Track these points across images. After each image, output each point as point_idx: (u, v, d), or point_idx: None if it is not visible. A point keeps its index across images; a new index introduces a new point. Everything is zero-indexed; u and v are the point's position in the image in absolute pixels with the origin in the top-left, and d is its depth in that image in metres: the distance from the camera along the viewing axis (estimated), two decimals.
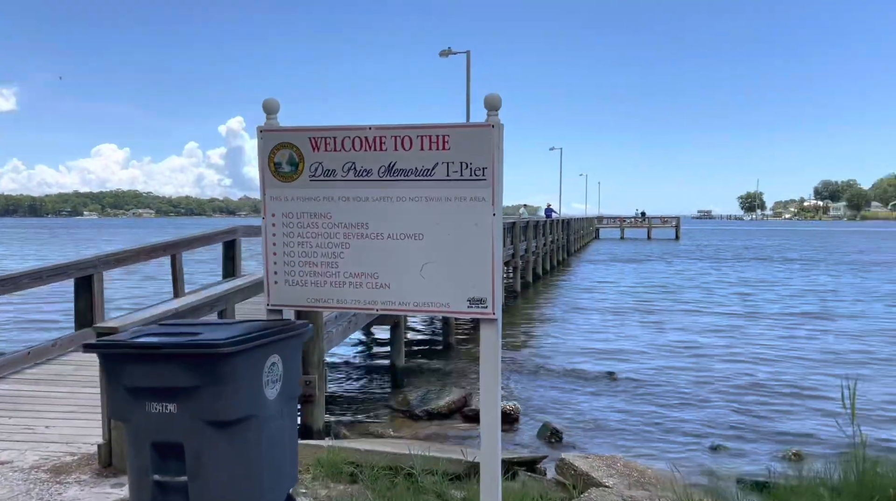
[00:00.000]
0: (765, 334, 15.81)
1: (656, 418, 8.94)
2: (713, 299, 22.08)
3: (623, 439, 8.00)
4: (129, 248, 8.74)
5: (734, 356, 13.12)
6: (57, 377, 6.74)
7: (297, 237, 3.63)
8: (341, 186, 3.53)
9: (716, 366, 12.26)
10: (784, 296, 22.95)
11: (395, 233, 3.49)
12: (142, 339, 3.08)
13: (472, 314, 3.40)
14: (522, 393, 10.23)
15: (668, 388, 10.54)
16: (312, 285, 3.63)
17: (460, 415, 8.72)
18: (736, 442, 7.93)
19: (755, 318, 18.25)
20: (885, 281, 28.19)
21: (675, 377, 11.21)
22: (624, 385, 10.57)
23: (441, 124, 3.37)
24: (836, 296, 22.98)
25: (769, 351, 13.64)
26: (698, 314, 18.99)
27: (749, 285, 26.45)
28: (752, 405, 9.58)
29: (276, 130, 3.63)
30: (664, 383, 10.78)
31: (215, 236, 10.58)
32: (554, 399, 9.90)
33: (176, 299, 5.39)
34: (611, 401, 9.68)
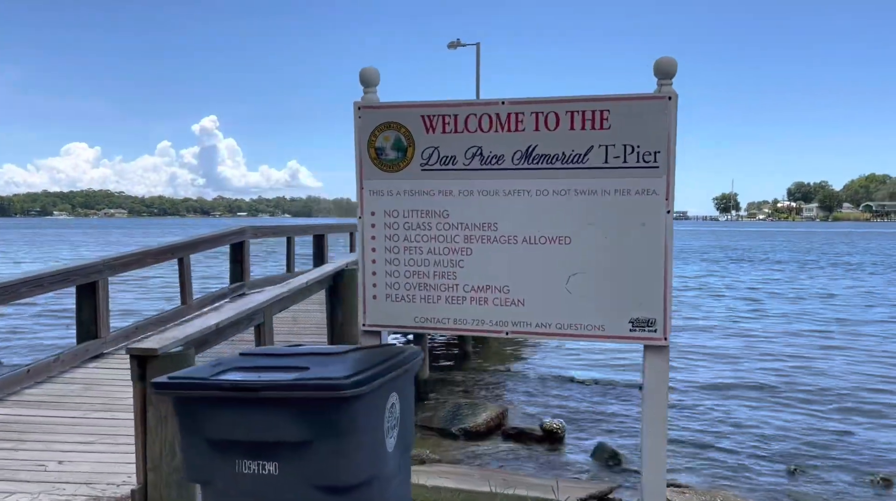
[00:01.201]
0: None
1: (710, 435, 8.32)
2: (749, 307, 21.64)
3: (687, 459, 7.35)
4: (135, 251, 7.91)
5: (785, 361, 12.58)
6: (63, 398, 5.91)
7: (404, 242, 2.91)
8: (463, 177, 2.81)
9: (763, 375, 11.69)
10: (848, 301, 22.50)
11: (533, 236, 2.77)
12: (229, 376, 2.33)
13: (636, 339, 2.70)
14: (551, 402, 9.57)
15: (710, 399, 9.94)
16: (423, 300, 2.90)
17: (501, 434, 8.01)
18: (816, 462, 7.33)
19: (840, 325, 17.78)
20: None
21: (724, 388, 10.60)
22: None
23: (599, 96, 2.66)
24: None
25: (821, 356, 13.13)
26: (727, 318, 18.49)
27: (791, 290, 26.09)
28: (831, 421, 9.00)
29: (379, 106, 2.90)
30: (709, 394, 10.17)
31: (223, 238, 9.77)
32: (590, 412, 9.23)
33: (214, 313, 4.63)
34: None
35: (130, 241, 58.85)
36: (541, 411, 9.12)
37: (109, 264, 7.30)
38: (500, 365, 12.43)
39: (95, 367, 6.78)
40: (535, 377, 11.29)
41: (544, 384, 10.77)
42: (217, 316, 4.55)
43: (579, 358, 12.97)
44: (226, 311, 4.72)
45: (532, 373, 11.73)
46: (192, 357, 4.03)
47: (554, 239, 2.73)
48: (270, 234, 11.37)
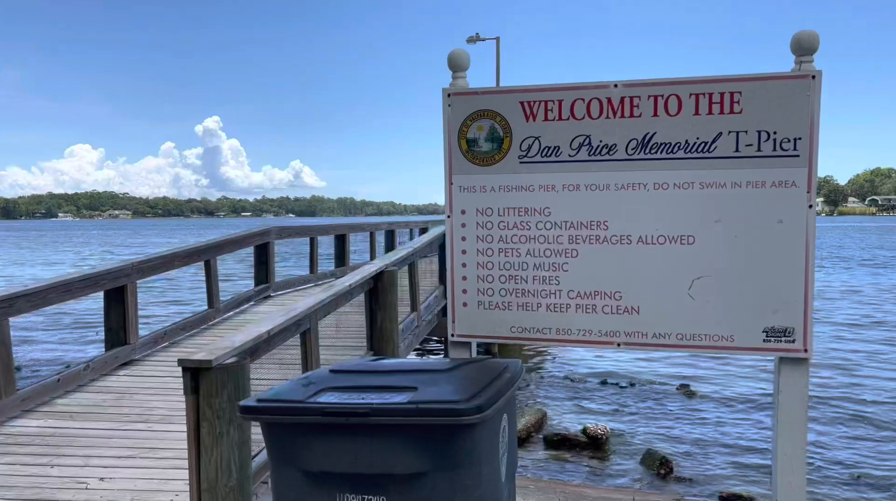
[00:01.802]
0: None
1: (763, 441, 8.00)
2: None
3: (740, 469, 7.04)
4: (163, 254, 7.64)
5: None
6: (95, 409, 5.64)
7: (499, 243, 2.61)
8: (568, 170, 2.52)
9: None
10: None
11: (650, 235, 2.47)
12: (327, 398, 2.04)
13: (770, 350, 2.39)
14: (587, 405, 9.26)
15: (751, 404, 9.61)
16: (520, 308, 2.61)
17: (542, 440, 7.70)
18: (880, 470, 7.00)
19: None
20: None
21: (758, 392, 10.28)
22: (702, 399, 9.63)
23: (729, 76, 2.36)
24: None
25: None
26: None
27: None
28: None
29: (472, 93, 2.60)
30: (750, 398, 9.85)
31: (249, 239, 9.49)
32: (629, 415, 8.92)
33: (266, 321, 4.33)
34: (699, 420, 8.73)
35: (160, 241, 58.65)
36: (578, 414, 8.81)
37: (138, 268, 7.03)
38: (527, 365, 12.14)
39: (126, 375, 6.51)
40: (566, 379, 10.98)
41: (577, 386, 10.47)
42: (269, 323, 4.27)
43: (605, 358, 12.65)
44: (275, 317, 4.43)
45: (561, 374, 11.43)
46: (248, 368, 3.75)
47: (675, 239, 2.43)
48: (295, 234, 11.09)
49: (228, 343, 3.79)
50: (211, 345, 3.78)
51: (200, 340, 7.75)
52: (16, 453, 4.74)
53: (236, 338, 3.92)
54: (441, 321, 9.29)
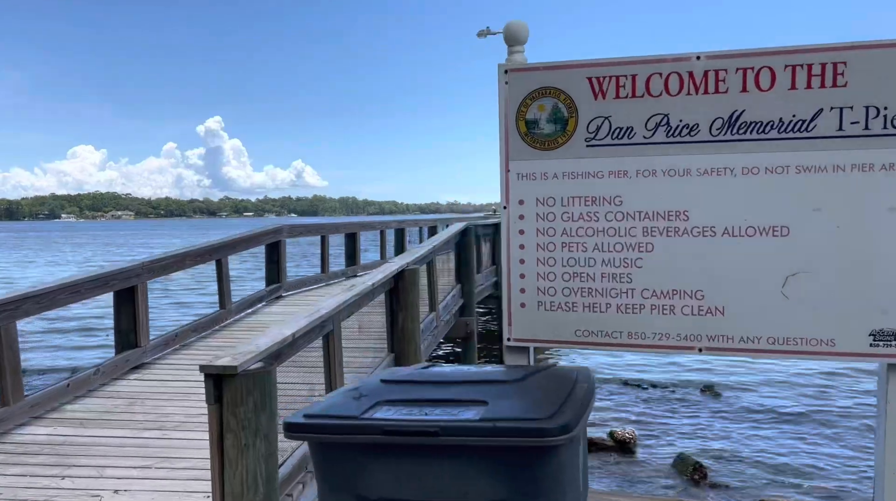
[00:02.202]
0: None
1: (796, 445, 7.72)
2: None
3: (775, 473, 6.76)
4: (174, 253, 7.38)
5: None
6: (107, 415, 5.38)
7: (562, 236, 2.34)
8: (642, 153, 2.24)
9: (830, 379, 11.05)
10: None
11: (738, 226, 2.20)
12: (384, 413, 1.77)
13: (879, 356, 2.11)
14: (609, 408, 8.98)
15: (783, 403, 9.32)
16: (587, 309, 2.33)
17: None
18: None
19: None
20: None
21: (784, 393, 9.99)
22: (728, 401, 9.34)
23: (832, 45, 2.08)
24: None
25: None
26: None
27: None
28: None
29: (532, 68, 2.32)
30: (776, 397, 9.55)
31: (260, 237, 9.23)
32: (653, 417, 8.64)
33: (289, 323, 4.07)
34: (727, 423, 8.44)
35: (170, 243, 58.62)
36: (600, 417, 8.53)
37: (148, 267, 6.77)
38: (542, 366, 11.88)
39: (137, 379, 6.26)
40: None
41: (598, 389, 10.19)
42: (292, 325, 4.00)
43: (621, 357, 12.36)
44: (299, 319, 4.16)
45: None
46: (275, 374, 3.48)
47: (766, 230, 2.15)
48: (307, 232, 10.84)
49: (253, 348, 3.53)
50: (234, 350, 3.51)
51: (213, 341, 7.50)
52: (25, 463, 4.49)
53: (260, 342, 3.65)
54: (458, 321, 9.05)
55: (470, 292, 9.16)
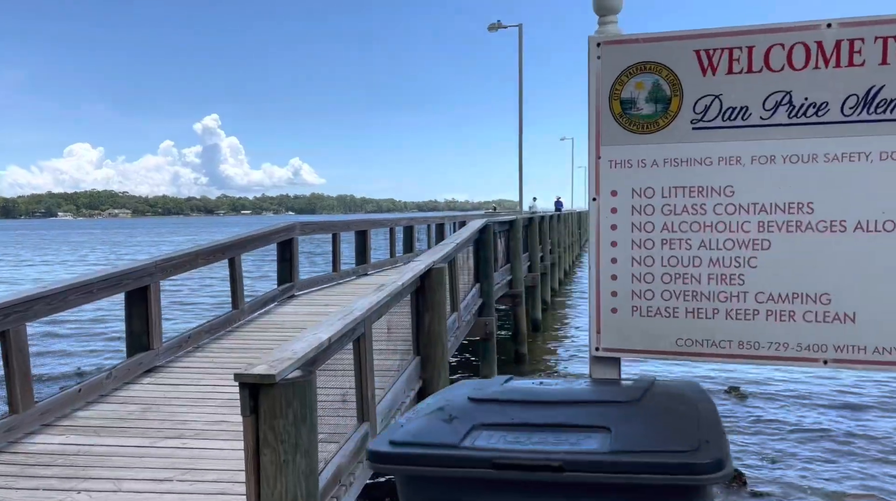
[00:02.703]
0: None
1: (824, 445, 7.45)
2: None
3: (814, 480, 6.48)
4: (186, 251, 7.09)
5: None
6: (121, 423, 5.09)
7: (662, 232, 2.06)
8: (759, 137, 1.96)
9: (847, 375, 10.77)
10: None
11: (874, 221, 1.92)
12: (488, 441, 1.49)
13: None
14: None
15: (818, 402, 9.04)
16: (690, 315, 2.05)
17: None
18: None
19: None
20: None
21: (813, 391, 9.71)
22: (757, 402, 9.05)
23: None
24: None
25: None
26: None
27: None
28: None
29: (630, 40, 2.04)
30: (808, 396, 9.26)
31: (272, 235, 8.95)
32: None
33: (323, 326, 3.78)
34: (760, 426, 8.16)
35: (180, 240, 58.08)
36: None
37: (161, 267, 6.48)
38: (558, 367, 11.60)
39: (151, 383, 5.97)
40: None
41: None
42: (327, 328, 3.71)
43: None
44: (332, 321, 3.88)
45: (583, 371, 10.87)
46: (315, 383, 3.20)
47: None
48: (319, 230, 10.55)
49: (289, 354, 3.24)
50: (270, 356, 3.22)
51: (227, 343, 7.21)
52: (38, 475, 4.20)
53: (297, 347, 3.37)
54: (477, 321, 8.77)
55: (489, 292, 8.88)
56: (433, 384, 5.85)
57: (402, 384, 5.37)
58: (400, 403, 5.29)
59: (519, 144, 21.02)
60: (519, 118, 20.65)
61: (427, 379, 5.84)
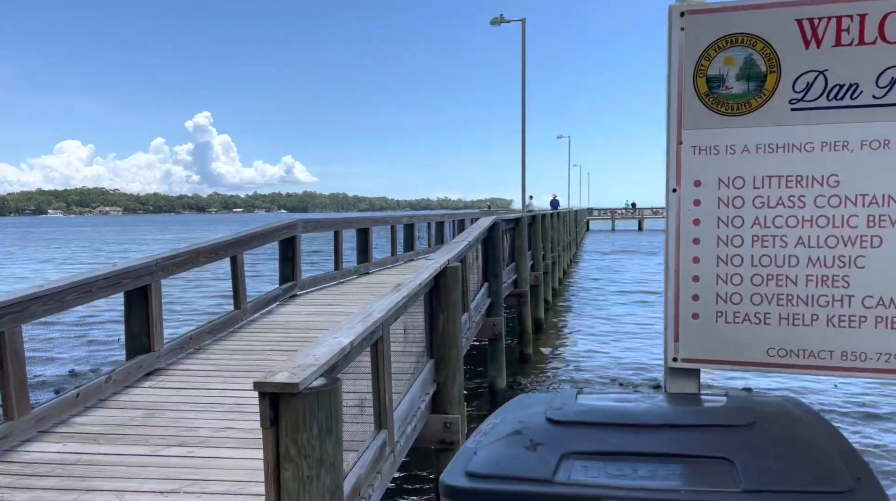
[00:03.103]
0: None
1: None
2: None
3: None
4: (188, 249, 6.82)
5: None
6: (122, 429, 4.81)
7: (753, 227, 1.82)
8: (872, 118, 1.72)
9: None
10: None
11: None
12: (587, 476, 1.25)
13: None
14: None
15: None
16: (783, 321, 1.81)
17: None
18: None
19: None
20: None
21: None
22: None
23: None
24: None
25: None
26: None
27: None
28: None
29: (718, 8, 1.79)
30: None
31: (274, 233, 8.67)
32: None
33: (343, 329, 3.53)
34: None
35: (188, 238, 57.53)
36: None
37: (162, 265, 6.21)
38: (564, 368, 11.38)
39: (152, 387, 5.70)
40: (612, 383, 10.21)
41: (632, 392, 9.68)
42: (348, 331, 3.46)
43: (634, 353, 11.87)
44: (354, 324, 3.62)
45: (605, 376, 10.65)
46: (340, 392, 2.95)
47: None
48: (321, 228, 10.28)
49: (311, 360, 2.98)
50: (291, 362, 2.97)
51: (230, 344, 6.95)
52: (35, 486, 3.93)
53: (318, 352, 3.11)
54: (486, 321, 8.53)
55: (497, 291, 8.64)
56: (447, 387, 5.61)
57: (418, 389, 5.13)
58: (416, 408, 5.05)
59: (522, 141, 20.79)
60: (522, 115, 20.41)
61: (441, 383, 5.60)
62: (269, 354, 6.49)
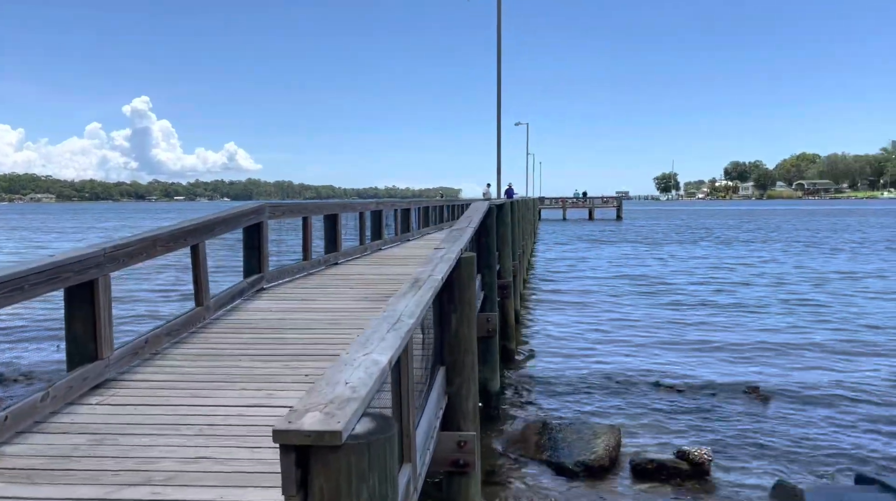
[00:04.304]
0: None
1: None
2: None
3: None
4: (142, 237, 5.77)
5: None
6: (66, 462, 3.78)
7: None
8: None
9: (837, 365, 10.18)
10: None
11: None
12: None
13: None
14: (658, 419, 7.81)
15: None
16: None
17: (630, 468, 6.19)
18: None
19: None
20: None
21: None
22: (787, 407, 8.27)
23: None
24: None
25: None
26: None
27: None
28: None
29: None
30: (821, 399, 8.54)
31: (239, 218, 7.64)
32: (715, 430, 7.42)
33: (372, 341, 2.65)
34: (793, 431, 7.37)
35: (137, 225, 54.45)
36: (653, 430, 7.35)
37: (112, 255, 5.17)
38: (553, 365, 10.66)
39: (101, 404, 4.68)
40: (607, 381, 9.53)
41: (629, 393, 9.00)
42: (382, 348, 2.58)
43: (637, 355, 11.25)
44: (381, 335, 2.74)
45: (598, 375, 9.97)
46: (395, 441, 2.07)
47: None
48: (289, 213, 9.27)
49: (347, 391, 2.09)
50: (319, 394, 2.06)
51: (192, 348, 5.93)
52: None
53: (353, 378, 2.22)
54: (479, 317, 7.69)
55: (492, 284, 7.83)
56: (461, 399, 4.77)
57: (433, 404, 4.28)
58: (433, 429, 4.20)
59: (497, 127, 19.99)
60: (497, 99, 19.59)
61: (454, 393, 4.76)
62: (241, 360, 5.52)
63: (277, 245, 8.84)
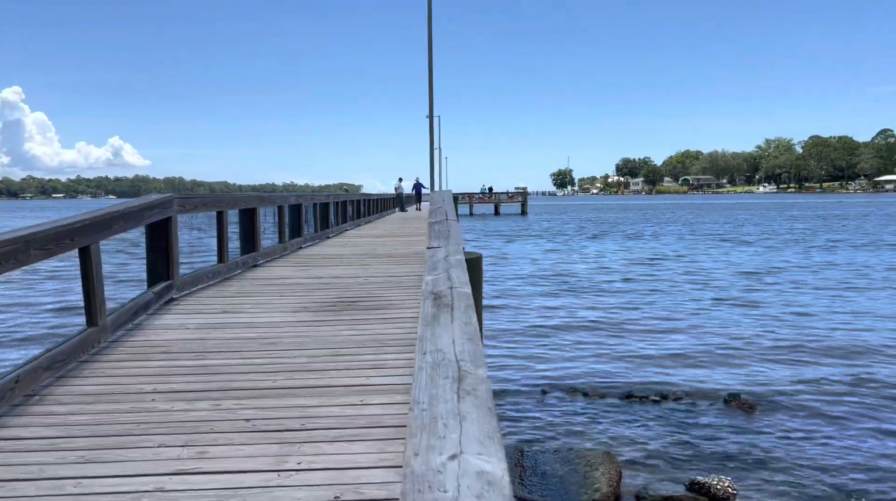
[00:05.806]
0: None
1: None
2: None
3: None
4: (11, 237, 4.21)
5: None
6: None
7: None
8: None
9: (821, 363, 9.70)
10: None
11: None
12: None
13: None
14: (653, 440, 6.90)
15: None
16: None
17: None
18: None
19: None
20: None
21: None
22: (777, 417, 7.56)
23: None
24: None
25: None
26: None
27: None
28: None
29: None
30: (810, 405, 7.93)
31: (142, 212, 6.10)
32: (725, 453, 6.56)
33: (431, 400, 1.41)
34: (796, 447, 6.64)
35: None
36: (655, 457, 6.40)
37: None
38: (501, 375, 9.64)
39: None
40: (569, 394, 8.58)
41: (593, 404, 8.06)
42: (482, 442, 1.37)
43: (598, 361, 10.40)
44: (463, 409, 1.54)
45: (556, 386, 9.01)
46: None
47: None
48: (201, 206, 7.71)
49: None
50: None
51: (86, 386, 4.40)
52: None
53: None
54: None
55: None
56: None
57: None
58: None
59: (430, 123, 18.75)
60: (429, 87, 18.35)
61: None
62: (153, 400, 4.07)
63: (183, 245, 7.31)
